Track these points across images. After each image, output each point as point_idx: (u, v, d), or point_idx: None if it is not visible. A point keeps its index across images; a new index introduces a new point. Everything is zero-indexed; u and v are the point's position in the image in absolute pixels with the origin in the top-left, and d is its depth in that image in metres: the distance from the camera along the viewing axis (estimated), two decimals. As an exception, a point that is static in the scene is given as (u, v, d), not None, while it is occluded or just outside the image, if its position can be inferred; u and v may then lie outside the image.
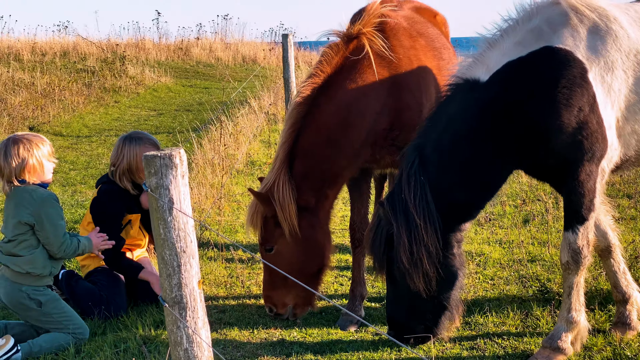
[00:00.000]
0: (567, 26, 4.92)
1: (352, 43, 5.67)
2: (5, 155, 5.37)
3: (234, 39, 31.64)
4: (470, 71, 4.95)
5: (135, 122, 16.39)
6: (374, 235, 5.02)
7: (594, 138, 4.82)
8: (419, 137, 5.00)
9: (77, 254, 5.69)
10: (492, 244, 7.71)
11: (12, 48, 24.14)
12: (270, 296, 5.78)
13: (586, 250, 5.05)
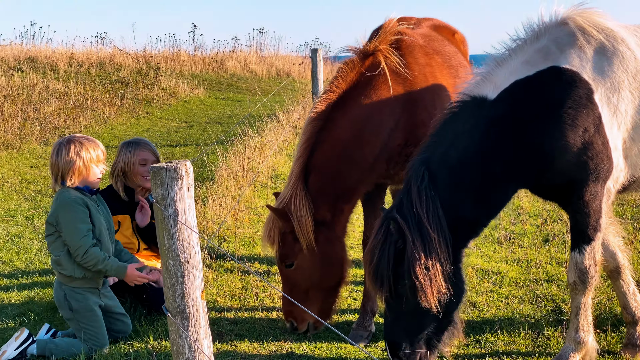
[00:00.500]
0: (574, 46, 4.93)
1: (367, 60, 5.73)
2: (57, 154, 5.56)
3: (269, 53, 31.83)
4: (478, 89, 4.96)
5: (165, 134, 16.55)
6: (380, 251, 4.93)
7: (599, 159, 4.82)
8: (424, 151, 4.98)
9: (101, 270, 5.61)
10: (509, 262, 7.69)
11: (49, 58, 24.50)
12: (291, 311, 5.80)
13: (593, 271, 5.03)
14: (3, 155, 13.21)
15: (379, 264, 4.90)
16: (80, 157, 5.55)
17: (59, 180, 5.61)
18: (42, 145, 14.36)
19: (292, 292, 5.71)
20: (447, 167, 4.89)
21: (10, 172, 12.18)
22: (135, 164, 6.61)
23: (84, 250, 5.52)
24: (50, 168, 5.72)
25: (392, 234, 4.86)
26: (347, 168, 5.54)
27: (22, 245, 8.41)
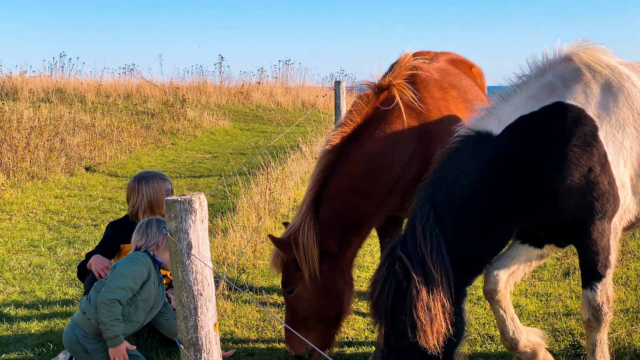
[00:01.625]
0: (579, 82, 4.94)
1: (382, 94, 5.79)
2: (146, 229, 5.68)
3: (295, 84, 32.04)
4: (483, 124, 4.96)
5: (189, 164, 16.67)
6: (381, 286, 4.93)
7: (605, 198, 4.80)
8: (428, 187, 4.97)
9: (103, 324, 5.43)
10: (529, 296, 7.65)
11: (77, 90, 24.83)
12: (290, 337, 5.85)
13: (606, 307, 5.00)
14: (28, 185, 13.36)
15: (379, 299, 4.89)
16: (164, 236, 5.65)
17: (140, 249, 5.64)
18: (67, 175, 14.52)
19: (292, 318, 5.78)
20: (453, 205, 4.88)
21: (35, 203, 12.32)
22: (162, 195, 6.65)
23: (112, 297, 5.36)
24: (132, 242, 5.73)
25: (395, 271, 4.84)
26: (359, 201, 5.58)
27: (44, 276, 8.49)
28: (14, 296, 7.78)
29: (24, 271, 8.68)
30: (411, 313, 4.73)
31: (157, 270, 5.61)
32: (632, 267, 8.44)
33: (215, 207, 11.77)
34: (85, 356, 5.59)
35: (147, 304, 5.58)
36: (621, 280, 7.97)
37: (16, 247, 9.74)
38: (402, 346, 4.89)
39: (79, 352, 5.59)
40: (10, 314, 7.26)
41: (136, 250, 5.63)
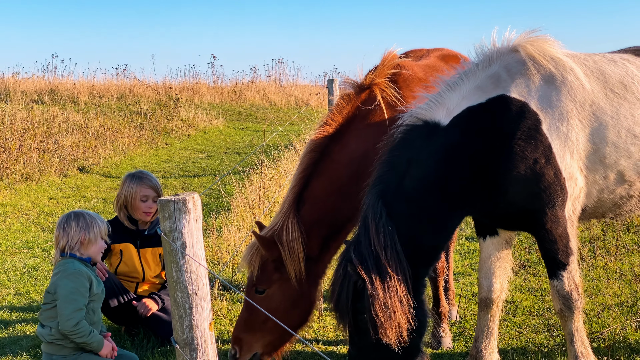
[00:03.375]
0: (524, 75, 4.99)
1: (364, 93, 5.74)
2: (67, 225, 5.53)
3: (288, 82, 32.03)
4: (430, 113, 4.95)
5: (183, 164, 16.66)
6: (339, 287, 4.94)
7: (553, 189, 4.86)
8: (378, 183, 4.96)
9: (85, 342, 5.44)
10: (524, 291, 7.67)
11: (70, 91, 24.80)
12: (240, 339, 5.62)
13: (576, 294, 5.06)
14: (22, 187, 13.34)
15: (339, 300, 4.92)
16: (90, 229, 5.53)
17: (66, 252, 5.52)
18: (61, 177, 14.49)
19: (250, 318, 5.63)
20: (404, 199, 4.89)
21: (29, 204, 12.30)
22: (136, 199, 6.64)
23: (75, 322, 5.36)
24: (55, 241, 5.63)
25: (349, 272, 4.85)
26: (341, 202, 5.53)
27: (38, 277, 8.48)
28: (9, 298, 7.77)
29: (18, 273, 8.67)
30: (370, 311, 4.75)
31: (91, 267, 5.61)
32: (626, 261, 8.46)
33: (210, 206, 11.77)
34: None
35: (99, 300, 5.62)
36: (615, 275, 8.00)
37: (10, 249, 9.72)
38: (367, 344, 4.92)
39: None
40: (5, 316, 7.25)
41: (61, 252, 5.55)
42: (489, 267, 5.44)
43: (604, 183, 5.10)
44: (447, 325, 6.46)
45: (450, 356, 6.17)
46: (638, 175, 5.15)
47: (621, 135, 5.05)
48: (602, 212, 5.35)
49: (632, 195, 5.24)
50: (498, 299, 5.44)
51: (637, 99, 5.16)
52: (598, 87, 5.11)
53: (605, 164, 5.05)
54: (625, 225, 9.79)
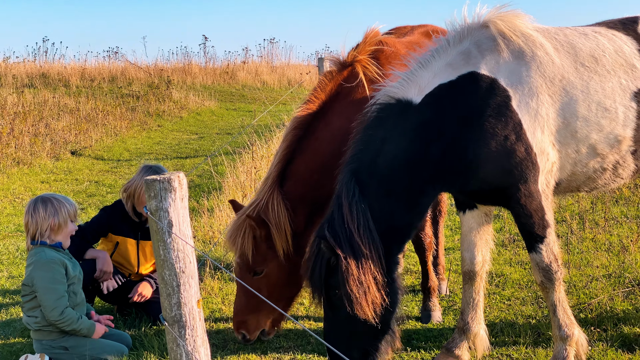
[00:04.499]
0: (493, 52, 5.01)
1: (346, 70, 5.78)
2: (34, 212, 5.56)
3: (280, 62, 31.98)
4: (403, 91, 4.99)
5: (176, 146, 16.68)
6: (313, 263, 5.00)
7: (525, 165, 4.90)
8: (352, 161, 5.02)
9: (74, 329, 5.60)
10: (513, 265, 7.73)
11: (61, 74, 24.75)
12: (244, 321, 5.74)
13: (555, 266, 5.11)
14: (14, 171, 13.35)
15: (313, 276, 4.98)
16: (58, 214, 5.57)
17: (37, 239, 5.60)
18: (53, 160, 14.51)
19: (250, 301, 5.69)
20: (377, 177, 4.94)
21: (21, 188, 12.32)
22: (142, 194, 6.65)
23: (60, 311, 5.48)
24: (25, 227, 5.69)
25: (322, 249, 4.91)
26: (325, 179, 5.54)
27: (32, 260, 8.51)
28: (2, 281, 7.82)
29: (11, 256, 8.71)
30: (344, 287, 4.83)
31: (63, 252, 5.67)
32: (615, 233, 8.53)
33: (202, 187, 11.81)
34: (67, 353, 5.64)
35: (79, 282, 5.72)
36: (604, 247, 8.06)
37: (3, 232, 9.76)
38: (340, 319, 5.01)
39: (59, 353, 5.68)
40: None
41: (32, 239, 5.62)
42: (471, 240, 5.50)
43: (576, 157, 5.14)
44: (436, 299, 6.52)
45: (440, 330, 6.23)
46: (610, 148, 5.19)
47: (592, 109, 5.08)
48: (576, 186, 5.39)
49: (606, 168, 5.28)
50: (481, 271, 5.49)
51: (607, 72, 5.19)
52: (568, 62, 5.13)
53: (576, 138, 5.08)
54: (614, 198, 9.85)
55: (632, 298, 6.52)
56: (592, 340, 5.69)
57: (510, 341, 5.86)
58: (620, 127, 5.18)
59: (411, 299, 6.95)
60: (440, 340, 5.99)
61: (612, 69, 5.21)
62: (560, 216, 9.17)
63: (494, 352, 5.67)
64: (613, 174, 5.39)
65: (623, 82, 5.22)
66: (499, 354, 5.66)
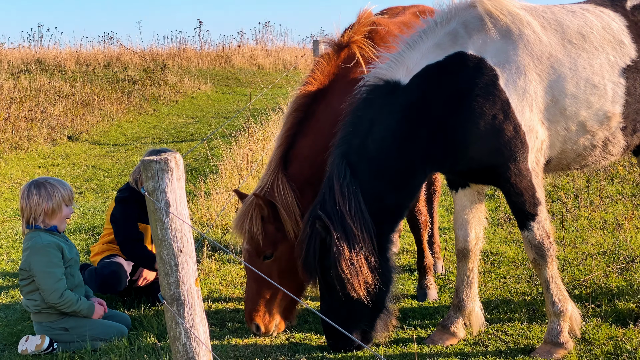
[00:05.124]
0: (481, 31, 5.05)
1: (343, 51, 5.82)
2: (28, 196, 5.60)
3: (275, 46, 31.94)
4: (391, 72, 5.06)
5: (172, 130, 16.70)
6: (307, 245, 5.07)
7: (513, 144, 4.96)
8: (341, 143, 5.10)
9: (74, 311, 5.66)
10: (509, 243, 7.80)
11: (57, 59, 24.71)
12: (257, 311, 5.66)
13: (547, 243, 5.18)
14: (11, 156, 13.38)
15: (307, 258, 5.07)
16: (52, 198, 5.60)
17: (31, 223, 5.64)
18: (49, 145, 14.53)
19: (262, 288, 5.64)
20: (367, 159, 5.02)
21: (19, 173, 12.35)
22: None
23: (59, 294, 5.54)
24: (20, 212, 5.74)
25: (317, 229, 4.98)
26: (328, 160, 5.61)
27: (30, 244, 8.55)
28: (2, 264, 7.87)
29: (10, 240, 8.76)
30: (336, 268, 4.94)
31: (58, 235, 5.72)
32: (609, 210, 8.59)
33: (198, 170, 11.85)
34: (67, 333, 5.71)
35: (76, 264, 5.78)
36: (599, 224, 8.13)
37: (1, 217, 9.81)
38: (337, 298, 5.09)
39: (59, 334, 5.73)
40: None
41: (27, 224, 5.66)
42: (464, 219, 5.55)
43: (566, 134, 5.19)
44: (432, 278, 6.59)
45: (435, 308, 6.30)
46: (600, 125, 5.23)
47: (580, 86, 5.12)
48: (567, 164, 5.44)
49: (596, 145, 5.33)
50: (475, 248, 5.54)
51: (595, 49, 5.22)
52: (556, 40, 5.16)
53: (565, 116, 5.13)
54: (609, 176, 9.91)
55: (626, 274, 6.59)
56: (586, 315, 5.76)
57: (506, 318, 5.93)
58: (609, 104, 5.23)
59: (407, 278, 7.02)
60: (436, 317, 6.05)
61: (600, 46, 5.25)
62: (556, 195, 9.24)
63: (489, 328, 5.73)
64: (603, 151, 5.43)
65: (611, 58, 5.26)
66: (494, 330, 5.72)
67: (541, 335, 5.53)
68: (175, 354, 4.07)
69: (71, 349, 5.68)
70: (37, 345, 5.63)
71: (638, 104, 5.34)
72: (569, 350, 5.22)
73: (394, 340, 5.63)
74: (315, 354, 5.48)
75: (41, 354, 5.64)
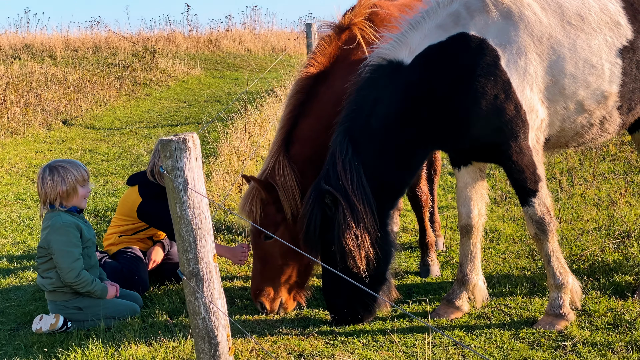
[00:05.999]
0: (482, 12, 5.19)
1: (344, 34, 5.94)
2: (42, 182, 5.74)
3: (263, 30, 31.96)
4: (394, 52, 5.20)
5: (165, 114, 16.76)
6: (308, 219, 5.21)
7: (515, 123, 5.12)
8: (345, 121, 5.24)
9: (89, 292, 5.79)
10: (506, 220, 7.95)
11: (45, 45, 24.68)
12: (261, 290, 5.82)
13: (548, 217, 5.34)
14: (8, 141, 13.43)
15: (308, 232, 5.21)
16: (65, 181, 5.72)
17: (47, 205, 5.79)
18: (45, 130, 14.58)
19: (266, 268, 5.80)
20: (370, 136, 5.18)
21: (17, 158, 12.42)
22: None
23: (76, 274, 5.67)
24: (38, 195, 5.90)
25: (319, 204, 5.13)
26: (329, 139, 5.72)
27: (34, 227, 8.67)
28: (7, 247, 7.97)
29: (14, 223, 8.86)
30: (339, 241, 5.11)
31: (78, 215, 5.87)
32: (603, 188, 8.76)
33: (196, 153, 11.93)
34: (81, 312, 5.83)
35: (93, 245, 5.92)
36: (593, 202, 8.30)
37: (3, 201, 9.89)
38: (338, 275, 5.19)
39: (73, 313, 5.86)
40: (5, 265, 7.46)
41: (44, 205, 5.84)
42: (466, 195, 5.69)
43: (565, 113, 5.34)
44: (434, 255, 6.73)
45: (438, 283, 6.45)
46: (597, 104, 5.39)
47: (579, 66, 5.27)
48: (565, 142, 5.60)
49: (593, 123, 5.49)
50: (478, 224, 5.69)
51: (593, 30, 5.36)
52: (555, 21, 5.30)
53: (565, 95, 5.28)
54: (601, 155, 10.08)
55: (622, 249, 6.76)
56: (585, 289, 5.93)
57: (507, 292, 6.09)
58: (607, 83, 5.38)
59: (409, 255, 7.17)
60: (440, 292, 6.21)
61: (597, 27, 5.39)
62: (550, 173, 9.38)
63: (492, 302, 5.89)
64: (600, 129, 5.59)
65: (609, 39, 5.40)
66: (497, 304, 5.88)
67: (542, 308, 5.69)
68: (195, 327, 4.20)
69: (85, 327, 5.81)
70: (51, 325, 5.75)
71: (634, 83, 5.49)
72: (570, 321, 5.38)
73: (400, 314, 5.79)
74: (324, 328, 5.63)
75: (56, 333, 5.77)
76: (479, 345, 5.23)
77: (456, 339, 5.35)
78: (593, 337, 5.21)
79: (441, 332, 3.56)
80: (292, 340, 5.47)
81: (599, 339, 5.19)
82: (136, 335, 5.55)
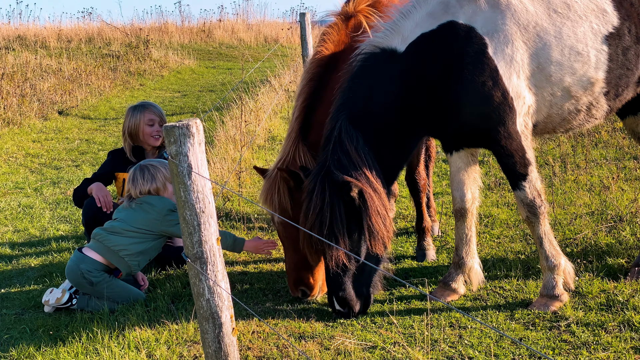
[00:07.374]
0: (471, 1, 5.30)
1: (350, 21, 6.04)
2: (143, 180, 6.14)
3: (256, 20, 31.99)
4: (387, 40, 5.32)
5: (160, 104, 16.64)
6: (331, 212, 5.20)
7: (502, 109, 5.24)
8: (343, 109, 5.33)
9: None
10: (500, 206, 8.08)
11: (38, 36, 24.70)
12: (301, 278, 5.83)
13: (539, 200, 5.46)
14: (5, 131, 13.51)
15: (332, 226, 5.21)
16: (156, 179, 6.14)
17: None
18: (41, 120, 14.67)
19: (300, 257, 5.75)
20: (368, 123, 5.31)
21: (14, 148, 12.50)
22: (142, 125, 6.95)
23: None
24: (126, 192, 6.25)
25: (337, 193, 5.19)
26: None
27: (34, 215, 8.77)
28: (8, 235, 8.07)
29: (14, 212, 8.95)
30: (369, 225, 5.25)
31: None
32: (595, 174, 8.89)
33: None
34: (90, 288, 5.96)
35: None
36: (586, 187, 8.42)
37: (2, 190, 9.98)
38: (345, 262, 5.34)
39: (83, 284, 5.97)
40: (7, 252, 7.56)
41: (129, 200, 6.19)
42: (460, 180, 5.80)
43: (552, 99, 5.46)
44: (430, 239, 6.85)
45: (435, 267, 6.58)
46: (584, 90, 5.50)
47: (565, 53, 5.38)
48: (552, 127, 5.71)
49: (580, 109, 5.60)
50: (471, 207, 5.80)
51: (579, 17, 5.46)
52: (541, 9, 5.40)
53: (551, 82, 5.40)
54: (593, 141, 10.21)
55: (614, 232, 6.88)
56: (579, 271, 6.05)
57: (502, 275, 6.21)
58: (593, 70, 5.49)
59: (405, 240, 7.29)
60: (436, 276, 6.33)
61: (583, 14, 5.49)
62: (543, 160, 9.52)
63: (487, 284, 6.01)
64: (587, 115, 5.71)
65: (594, 26, 5.51)
66: (492, 286, 6.00)
67: (537, 290, 5.81)
68: (199, 309, 4.30)
69: (88, 309, 5.93)
70: (57, 299, 5.92)
71: (620, 69, 5.60)
72: (564, 302, 5.51)
73: (398, 297, 5.91)
74: (325, 310, 5.75)
75: (62, 309, 5.90)
76: (475, 327, 5.35)
77: (453, 320, 5.48)
78: (586, 318, 5.33)
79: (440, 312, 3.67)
80: (293, 322, 5.59)
81: (592, 319, 5.31)
82: (140, 319, 5.66)
